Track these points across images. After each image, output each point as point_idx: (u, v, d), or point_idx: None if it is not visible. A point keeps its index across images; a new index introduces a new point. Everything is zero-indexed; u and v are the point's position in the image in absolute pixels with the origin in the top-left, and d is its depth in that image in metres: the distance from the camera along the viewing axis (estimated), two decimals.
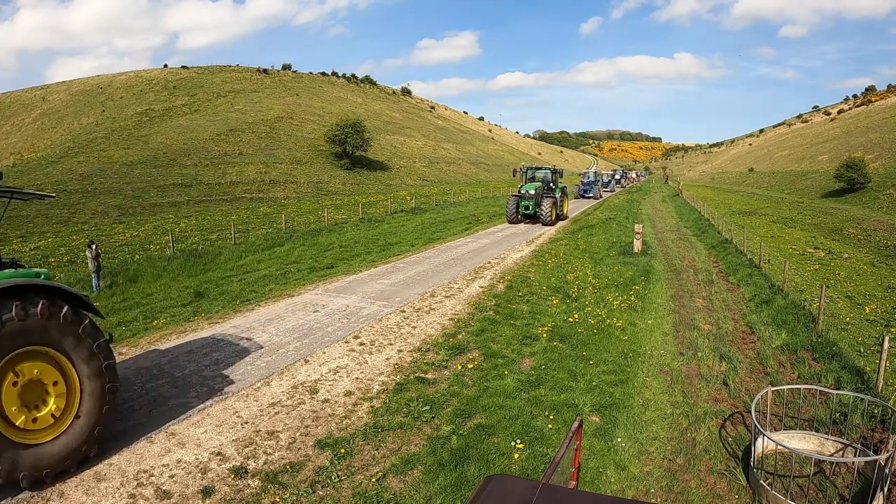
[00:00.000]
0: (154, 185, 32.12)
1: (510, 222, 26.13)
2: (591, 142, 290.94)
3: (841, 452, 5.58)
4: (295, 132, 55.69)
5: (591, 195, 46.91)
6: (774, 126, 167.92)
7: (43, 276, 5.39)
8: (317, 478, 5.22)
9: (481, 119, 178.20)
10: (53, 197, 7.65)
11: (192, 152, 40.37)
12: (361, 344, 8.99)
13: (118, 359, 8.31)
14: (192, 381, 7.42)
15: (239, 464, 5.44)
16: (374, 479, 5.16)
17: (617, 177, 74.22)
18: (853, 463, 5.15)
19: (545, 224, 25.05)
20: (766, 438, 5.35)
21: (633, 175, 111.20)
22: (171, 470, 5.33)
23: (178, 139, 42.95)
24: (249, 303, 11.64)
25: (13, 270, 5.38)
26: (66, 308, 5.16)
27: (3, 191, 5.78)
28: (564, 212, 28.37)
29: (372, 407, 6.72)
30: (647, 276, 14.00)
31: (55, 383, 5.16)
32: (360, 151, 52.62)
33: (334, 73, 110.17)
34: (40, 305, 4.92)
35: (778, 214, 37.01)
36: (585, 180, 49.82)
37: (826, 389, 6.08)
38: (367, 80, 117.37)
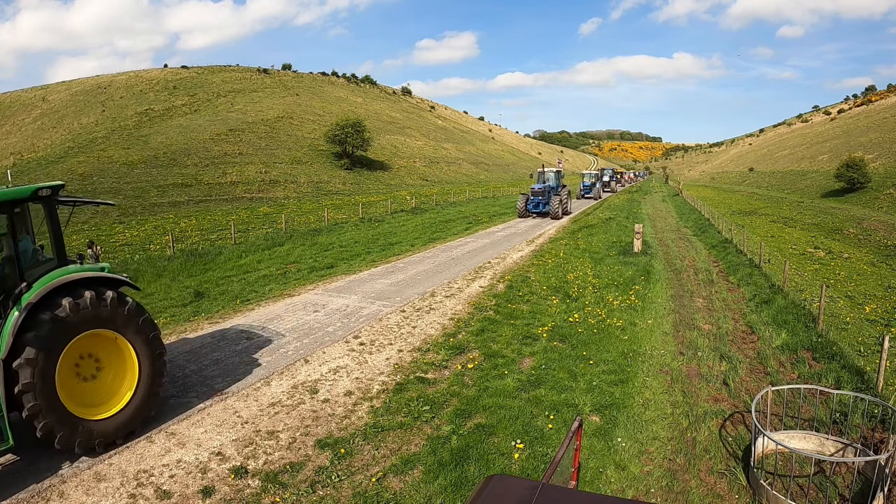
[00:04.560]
0: (154, 185, 32.10)
1: None
2: (591, 142, 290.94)
3: (841, 452, 5.58)
4: (295, 132, 55.67)
5: (545, 210, 29.46)
6: (774, 126, 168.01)
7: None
8: (317, 478, 5.22)
9: (481, 119, 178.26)
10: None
11: (192, 152, 40.35)
12: (361, 344, 8.99)
13: None
14: (192, 380, 7.42)
15: (239, 464, 5.44)
16: (374, 479, 5.17)
17: (605, 178, 55.67)
18: (853, 463, 5.15)
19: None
20: (766, 438, 5.35)
21: (631, 175, 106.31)
22: (171, 470, 5.33)
23: (178, 139, 42.93)
24: (249, 302, 11.65)
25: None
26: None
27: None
28: None
29: (372, 407, 6.72)
30: (647, 275, 13.99)
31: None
32: (361, 151, 52.59)
33: (334, 73, 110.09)
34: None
35: (778, 214, 37.01)
36: (537, 187, 30.12)
37: (826, 389, 6.07)
38: (367, 80, 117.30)
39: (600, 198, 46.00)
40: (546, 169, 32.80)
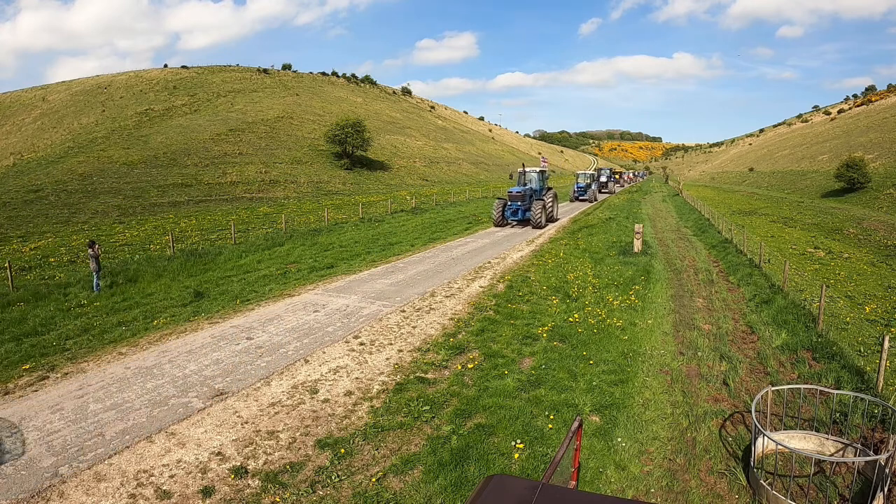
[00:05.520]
0: (154, 185, 32.10)
1: None
2: (591, 142, 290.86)
3: (841, 452, 5.57)
4: (295, 132, 55.67)
5: (525, 217, 25.24)
6: (774, 126, 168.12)
7: None
8: (317, 478, 5.22)
9: (481, 119, 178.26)
10: None
11: (192, 152, 40.35)
12: (361, 344, 8.99)
13: (119, 359, 8.32)
14: (192, 380, 7.42)
15: (239, 464, 5.44)
16: (374, 479, 5.16)
17: (602, 178, 54.11)
18: (853, 463, 5.15)
19: None
20: (766, 438, 5.35)
21: (631, 175, 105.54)
22: (171, 470, 5.33)
23: (178, 139, 42.92)
24: (249, 303, 11.65)
25: None
26: None
27: None
28: None
29: (372, 407, 6.72)
30: (647, 275, 13.99)
31: None
32: (361, 151, 52.60)
33: (334, 73, 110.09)
34: None
35: (778, 214, 37.00)
36: (516, 190, 25.59)
37: (826, 389, 6.07)
38: (367, 80, 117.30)
39: (596, 200, 42.66)
40: (527, 169, 27.73)
